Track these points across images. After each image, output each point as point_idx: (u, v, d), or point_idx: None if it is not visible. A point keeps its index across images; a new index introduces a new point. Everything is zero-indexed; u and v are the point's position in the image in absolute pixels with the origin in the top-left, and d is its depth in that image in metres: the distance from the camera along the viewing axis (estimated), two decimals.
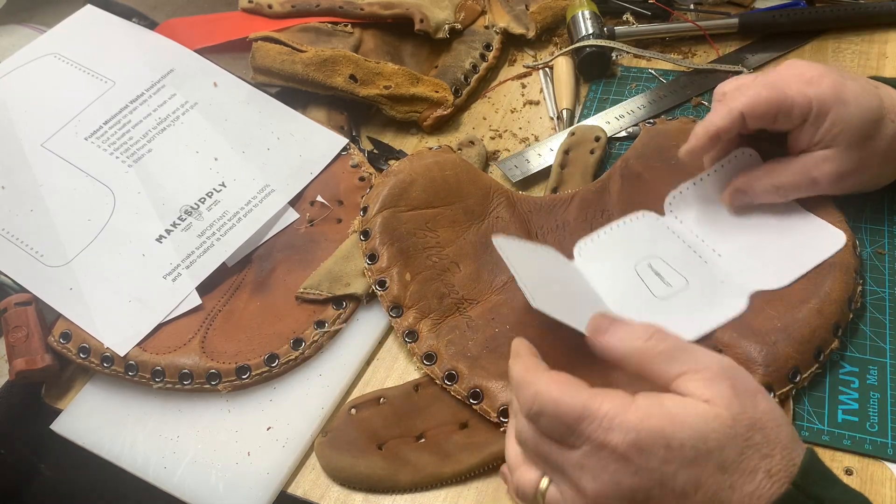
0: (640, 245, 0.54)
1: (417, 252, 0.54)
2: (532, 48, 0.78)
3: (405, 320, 0.52)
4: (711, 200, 0.55)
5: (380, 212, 0.55)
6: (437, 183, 0.57)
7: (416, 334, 0.52)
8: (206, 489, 0.48)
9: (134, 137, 0.66)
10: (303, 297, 0.55)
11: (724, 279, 0.52)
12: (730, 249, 0.53)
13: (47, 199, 0.61)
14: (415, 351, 0.51)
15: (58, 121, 0.66)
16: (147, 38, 0.74)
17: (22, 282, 0.57)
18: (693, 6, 0.76)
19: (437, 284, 0.53)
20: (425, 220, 0.56)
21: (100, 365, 0.53)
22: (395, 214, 0.55)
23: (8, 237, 0.59)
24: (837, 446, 0.46)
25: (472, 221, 0.57)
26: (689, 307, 0.51)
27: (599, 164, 0.63)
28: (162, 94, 0.69)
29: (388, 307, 0.53)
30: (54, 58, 0.71)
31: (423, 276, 0.53)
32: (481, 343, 0.50)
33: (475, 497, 0.47)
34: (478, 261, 0.55)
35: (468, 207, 0.57)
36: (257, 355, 0.52)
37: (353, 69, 0.68)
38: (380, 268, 0.54)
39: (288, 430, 0.50)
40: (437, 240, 0.55)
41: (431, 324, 0.52)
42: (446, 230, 0.56)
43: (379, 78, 0.68)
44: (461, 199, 0.57)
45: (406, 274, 0.53)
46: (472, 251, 0.55)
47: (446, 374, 0.49)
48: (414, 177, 0.57)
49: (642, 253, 0.54)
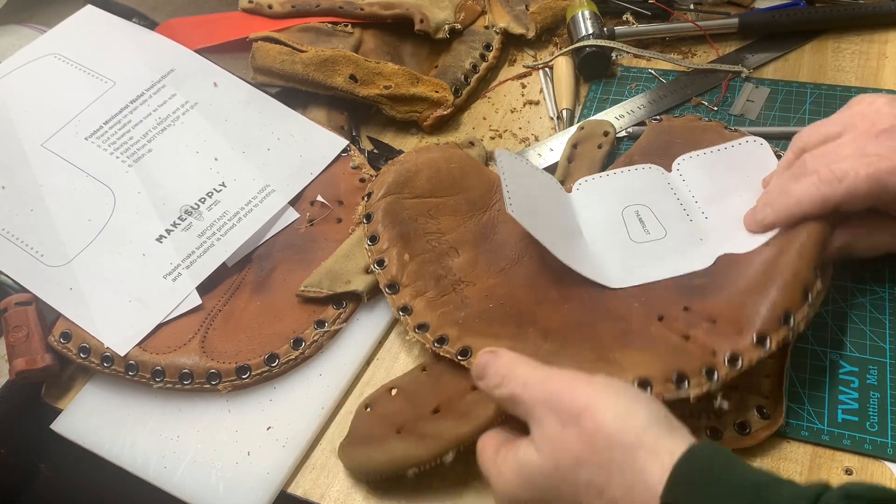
0: (636, 192, 0.57)
1: (418, 236, 0.55)
2: (532, 48, 0.78)
3: (401, 298, 0.53)
4: (716, 170, 0.56)
5: (384, 197, 0.57)
6: (442, 174, 0.59)
7: (410, 309, 0.52)
8: (206, 489, 0.48)
9: (134, 137, 0.66)
10: (303, 295, 0.55)
11: (703, 238, 0.53)
12: (717, 214, 0.54)
13: (48, 199, 0.61)
14: (408, 322, 0.51)
15: (58, 121, 0.66)
16: (147, 38, 0.74)
17: (22, 282, 0.57)
18: (693, 6, 0.76)
19: (435, 267, 0.54)
20: (427, 208, 0.57)
21: (100, 365, 0.53)
22: (398, 200, 0.57)
23: (8, 237, 0.59)
24: (837, 446, 0.46)
25: (473, 212, 0.58)
26: (657, 255, 0.53)
27: (606, 159, 0.63)
28: (162, 94, 0.69)
29: (385, 284, 0.54)
30: (54, 58, 0.71)
31: (421, 259, 0.54)
32: (473, 315, 0.51)
33: (475, 497, 0.47)
34: (477, 248, 0.56)
35: (471, 199, 0.58)
36: (257, 355, 0.52)
37: (353, 69, 0.68)
38: (380, 248, 0.55)
39: (288, 430, 0.50)
40: (439, 227, 0.56)
41: (426, 301, 0.52)
42: (448, 218, 0.57)
43: (379, 78, 0.68)
44: (464, 190, 0.58)
45: (405, 255, 0.54)
46: (473, 239, 0.56)
47: (437, 337, 0.50)
48: (419, 167, 0.58)
49: (634, 199, 0.56)
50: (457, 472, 0.47)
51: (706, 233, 0.53)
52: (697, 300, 0.49)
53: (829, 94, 0.66)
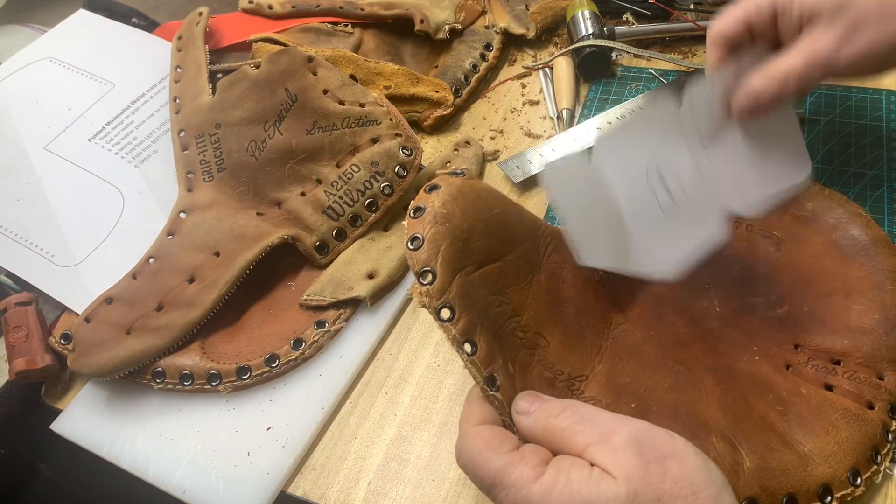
0: (652, 142, 0.48)
1: (504, 331, 0.43)
2: (532, 48, 0.78)
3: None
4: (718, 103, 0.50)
5: (452, 278, 0.42)
6: (492, 226, 0.46)
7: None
8: (206, 489, 0.48)
9: (138, 138, 0.66)
10: (306, 304, 0.55)
11: (712, 195, 0.48)
12: (720, 157, 0.48)
13: (56, 201, 0.62)
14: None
15: (59, 123, 0.67)
16: (145, 40, 0.75)
17: (36, 283, 0.57)
18: (693, 6, 0.76)
19: (539, 369, 0.44)
20: (494, 282, 0.44)
21: None
22: (468, 280, 0.43)
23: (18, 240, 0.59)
24: None
25: (531, 273, 0.47)
26: (683, 224, 0.47)
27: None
28: (163, 95, 0.69)
29: (510, 412, 0.42)
30: (50, 62, 0.71)
31: (520, 363, 0.43)
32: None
33: (475, 497, 0.47)
34: (557, 325, 0.46)
35: (525, 255, 0.47)
36: (258, 355, 0.52)
37: (353, 69, 0.68)
38: (484, 359, 0.41)
39: (288, 430, 0.50)
40: (512, 306, 0.45)
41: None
42: (514, 291, 0.45)
43: (379, 78, 0.68)
44: (516, 244, 0.47)
45: (509, 366, 0.42)
46: (547, 314, 0.46)
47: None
48: (470, 222, 0.44)
49: (653, 151, 0.48)
50: (457, 471, 0.48)
51: (713, 187, 0.47)
52: (800, 335, 0.48)
53: (829, 93, 0.66)
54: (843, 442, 0.43)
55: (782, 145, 0.48)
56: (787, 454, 0.42)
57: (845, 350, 0.47)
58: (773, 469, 0.42)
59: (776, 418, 0.44)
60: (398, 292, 0.57)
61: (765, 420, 0.44)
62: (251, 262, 0.55)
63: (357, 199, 0.58)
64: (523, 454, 0.37)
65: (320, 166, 0.59)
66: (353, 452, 0.50)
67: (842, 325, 0.48)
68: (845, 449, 0.42)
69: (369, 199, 0.58)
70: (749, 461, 0.42)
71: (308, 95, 0.59)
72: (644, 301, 0.51)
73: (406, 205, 0.60)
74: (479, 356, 0.40)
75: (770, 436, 0.43)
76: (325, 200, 0.57)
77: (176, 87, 0.67)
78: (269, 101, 0.60)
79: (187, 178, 0.61)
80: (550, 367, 0.44)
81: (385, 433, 0.50)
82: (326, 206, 0.57)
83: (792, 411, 0.44)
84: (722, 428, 0.43)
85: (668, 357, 0.47)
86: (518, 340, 0.43)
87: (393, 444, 0.50)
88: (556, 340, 0.45)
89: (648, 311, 0.50)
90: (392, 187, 0.58)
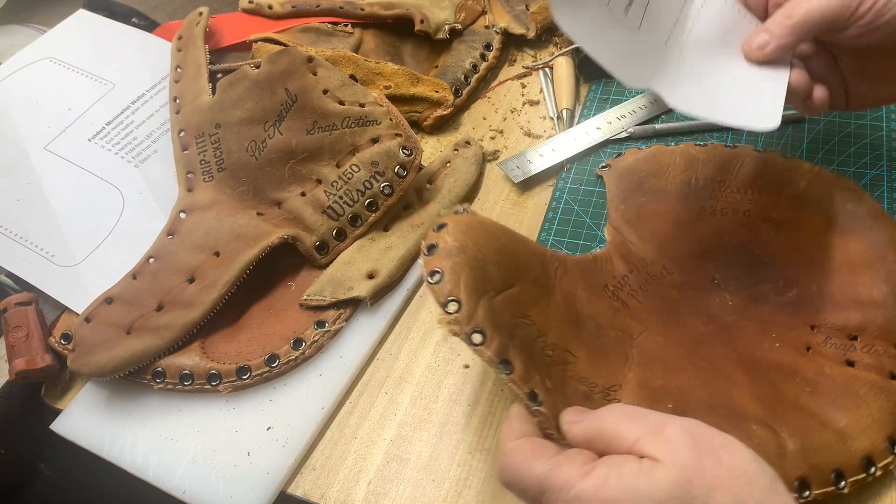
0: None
1: (534, 350, 0.44)
2: (532, 48, 0.78)
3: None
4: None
5: (477, 303, 0.42)
6: (502, 256, 0.47)
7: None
8: (206, 489, 0.48)
9: (138, 138, 0.66)
10: (306, 304, 0.55)
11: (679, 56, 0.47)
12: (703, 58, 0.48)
13: (56, 201, 0.62)
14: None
15: (59, 123, 0.67)
16: (144, 40, 0.75)
17: (36, 283, 0.57)
18: None
19: (574, 383, 0.44)
20: (515, 305, 0.45)
21: None
22: (492, 305, 0.43)
23: (17, 240, 0.59)
24: None
25: (547, 296, 0.48)
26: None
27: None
28: (163, 95, 0.69)
29: (554, 428, 0.42)
30: (50, 62, 0.71)
31: (554, 379, 0.43)
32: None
33: (475, 497, 0.47)
34: (581, 341, 0.47)
35: (537, 280, 0.48)
36: (258, 355, 0.52)
37: (353, 69, 0.68)
38: (522, 377, 0.41)
39: (288, 430, 0.50)
40: (536, 327, 0.46)
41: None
42: (535, 313, 0.46)
43: (379, 78, 0.68)
44: (527, 270, 0.48)
45: (546, 382, 0.42)
46: (570, 332, 0.47)
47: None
48: (483, 251, 0.45)
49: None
50: (457, 471, 0.48)
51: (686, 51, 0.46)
52: (814, 315, 0.49)
53: None
54: (876, 414, 0.44)
55: (763, 90, 0.47)
56: (826, 432, 0.43)
57: (860, 324, 0.47)
58: (816, 448, 0.42)
59: (807, 400, 0.45)
60: (398, 292, 0.57)
61: (797, 403, 0.45)
62: (251, 262, 0.55)
63: (357, 199, 0.58)
64: (568, 455, 0.36)
65: (320, 166, 0.59)
66: (353, 452, 0.50)
67: (851, 299, 0.48)
68: (879, 420, 0.43)
69: (369, 199, 0.58)
70: (791, 443, 0.42)
71: (308, 95, 0.59)
72: (659, 308, 0.51)
73: (406, 205, 0.60)
74: (517, 374, 0.40)
75: (805, 417, 0.44)
76: (325, 200, 0.57)
77: (176, 87, 0.67)
78: (269, 101, 0.60)
79: (187, 178, 0.61)
80: (584, 380, 0.45)
81: (385, 433, 0.50)
82: (326, 206, 0.57)
83: (821, 391, 0.45)
84: (759, 415, 0.44)
85: (693, 356, 0.48)
86: (548, 358, 0.44)
87: (393, 444, 0.50)
88: (583, 356, 0.46)
89: (665, 317, 0.51)
90: (392, 187, 0.58)
